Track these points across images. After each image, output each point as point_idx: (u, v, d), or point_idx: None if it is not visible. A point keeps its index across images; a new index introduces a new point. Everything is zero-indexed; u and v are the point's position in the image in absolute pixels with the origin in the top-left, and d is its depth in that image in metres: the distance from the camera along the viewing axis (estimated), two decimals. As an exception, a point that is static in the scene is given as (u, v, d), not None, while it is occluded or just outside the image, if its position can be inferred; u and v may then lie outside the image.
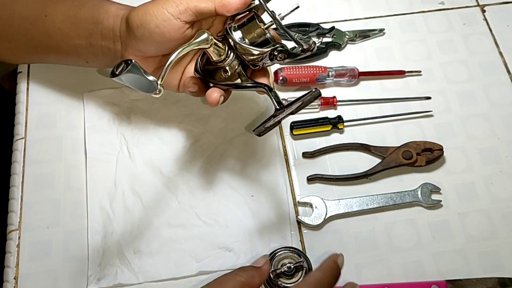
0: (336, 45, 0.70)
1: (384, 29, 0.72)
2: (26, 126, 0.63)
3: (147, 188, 0.60)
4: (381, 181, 0.62)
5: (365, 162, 0.63)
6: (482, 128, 0.66)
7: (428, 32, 0.72)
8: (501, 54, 0.71)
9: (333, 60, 0.70)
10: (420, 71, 0.69)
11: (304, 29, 0.71)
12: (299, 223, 0.59)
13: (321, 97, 0.65)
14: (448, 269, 0.57)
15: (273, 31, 0.50)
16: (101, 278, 0.55)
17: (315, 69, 0.66)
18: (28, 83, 0.66)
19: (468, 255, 0.58)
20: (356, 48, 0.71)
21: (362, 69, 0.68)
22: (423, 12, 0.74)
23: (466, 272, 0.57)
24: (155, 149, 0.62)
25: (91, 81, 0.66)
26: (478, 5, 0.75)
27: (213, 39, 0.47)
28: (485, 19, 0.74)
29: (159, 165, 0.61)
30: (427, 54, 0.71)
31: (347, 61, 0.69)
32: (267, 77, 0.52)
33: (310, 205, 0.60)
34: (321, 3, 0.74)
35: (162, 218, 0.58)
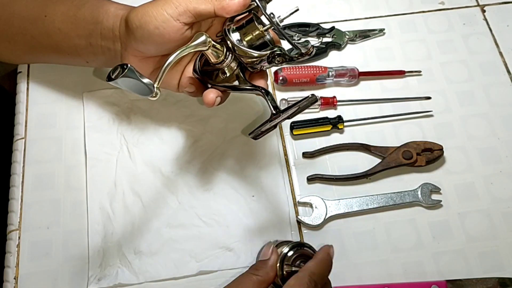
0: (336, 45, 0.70)
1: (384, 29, 0.72)
2: (26, 126, 0.63)
3: (147, 188, 0.60)
4: (381, 181, 0.62)
5: (365, 162, 0.63)
6: (482, 128, 0.66)
7: (428, 32, 0.72)
8: (501, 54, 0.71)
9: (333, 60, 0.70)
10: (420, 71, 0.69)
11: (304, 29, 0.71)
12: (299, 223, 0.59)
13: (321, 97, 0.65)
14: (448, 269, 0.57)
15: (272, 32, 0.49)
16: (101, 278, 0.55)
17: (315, 69, 0.66)
18: (28, 83, 0.66)
19: (468, 255, 0.58)
20: (356, 48, 0.71)
21: (362, 69, 0.68)
22: (423, 12, 0.74)
23: (466, 272, 0.57)
24: (155, 149, 0.62)
25: (91, 81, 0.66)
26: (478, 5, 0.75)
27: (211, 41, 0.47)
28: (485, 19, 0.74)
29: (159, 165, 0.61)
30: (427, 54, 0.71)
31: (347, 61, 0.69)
32: (265, 79, 0.52)
33: (310, 205, 0.60)
34: (321, 3, 0.74)
35: (162, 218, 0.58)
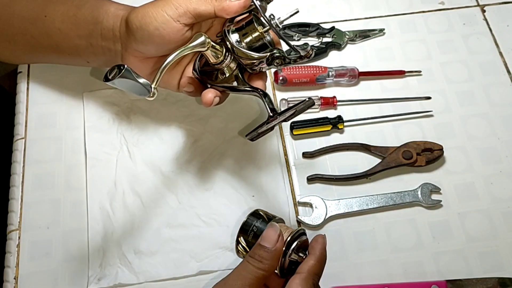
0: (336, 45, 0.70)
1: (384, 29, 0.72)
2: (26, 126, 0.63)
3: (147, 188, 0.60)
4: (381, 181, 0.62)
5: (365, 162, 0.63)
6: (482, 128, 0.66)
7: (428, 32, 0.72)
8: (501, 54, 0.71)
9: (333, 60, 0.70)
10: (420, 71, 0.69)
11: (304, 29, 0.71)
12: (299, 223, 0.59)
13: (321, 97, 0.65)
14: (448, 269, 0.57)
15: (273, 33, 0.49)
16: (101, 278, 0.55)
17: (315, 69, 0.66)
18: (28, 83, 0.66)
19: (468, 255, 0.58)
20: (356, 48, 0.71)
21: (362, 69, 0.68)
22: (423, 12, 0.74)
23: (466, 272, 0.57)
24: (155, 149, 0.62)
25: (91, 81, 0.66)
26: (478, 5, 0.75)
27: (210, 42, 0.47)
28: (485, 19, 0.74)
29: (159, 165, 0.61)
30: (427, 54, 0.71)
31: (347, 61, 0.69)
32: (263, 81, 0.52)
33: (310, 205, 0.60)
34: (321, 3, 0.74)
35: (162, 217, 0.58)
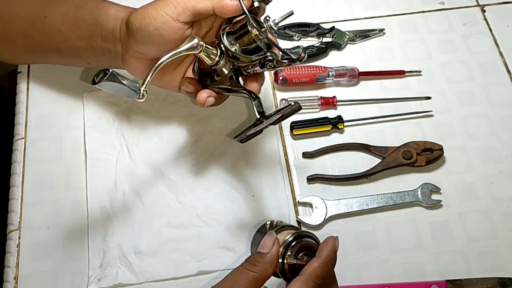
0: (336, 45, 0.70)
1: (384, 29, 0.72)
2: (26, 126, 0.63)
3: (147, 188, 0.60)
4: (381, 181, 0.62)
5: (365, 162, 0.63)
6: (482, 128, 0.66)
7: (428, 32, 0.72)
8: (501, 54, 0.71)
9: (333, 60, 0.70)
10: (420, 71, 0.69)
11: (304, 29, 0.71)
12: (299, 223, 0.59)
13: (321, 97, 0.65)
14: (448, 269, 0.57)
15: (270, 34, 0.49)
16: (101, 278, 0.55)
17: (315, 69, 0.66)
18: (28, 83, 0.66)
19: (468, 255, 0.58)
20: (356, 48, 0.71)
21: (362, 69, 0.68)
22: (423, 12, 0.74)
23: (466, 272, 0.57)
24: (155, 149, 0.62)
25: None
26: (478, 5, 0.75)
27: (203, 44, 0.47)
28: (485, 19, 0.74)
29: (159, 165, 0.61)
30: (427, 54, 0.71)
31: (347, 61, 0.69)
32: (258, 83, 0.52)
33: (310, 205, 0.60)
34: (321, 3, 0.74)
35: (162, 218, 0.58)
